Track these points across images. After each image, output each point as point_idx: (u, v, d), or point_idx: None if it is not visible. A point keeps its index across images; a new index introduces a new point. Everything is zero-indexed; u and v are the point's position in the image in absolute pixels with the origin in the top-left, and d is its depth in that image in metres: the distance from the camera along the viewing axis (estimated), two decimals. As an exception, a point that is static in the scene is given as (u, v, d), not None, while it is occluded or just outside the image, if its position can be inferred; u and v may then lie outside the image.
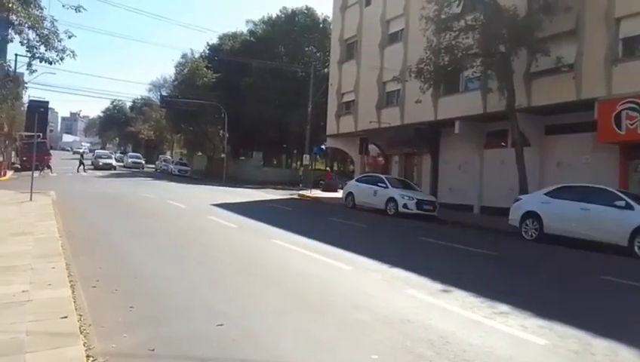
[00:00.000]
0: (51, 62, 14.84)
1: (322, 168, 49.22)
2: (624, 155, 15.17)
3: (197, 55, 48.72)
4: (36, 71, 16.25)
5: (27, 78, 26.10)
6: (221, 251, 9.02)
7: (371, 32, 25.59)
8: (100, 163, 45.64)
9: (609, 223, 11.38)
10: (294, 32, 43.94)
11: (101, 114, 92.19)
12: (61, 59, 14.89)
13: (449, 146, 22.36)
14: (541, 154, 18.00)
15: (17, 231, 9.36)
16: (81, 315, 4.67)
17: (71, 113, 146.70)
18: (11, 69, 22.05)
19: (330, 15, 36.10)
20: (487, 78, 17.37)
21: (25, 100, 35.76)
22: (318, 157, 46.84)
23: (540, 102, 16.63)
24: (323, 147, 37.23)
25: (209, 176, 43.57)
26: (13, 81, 19.84)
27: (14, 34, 15.29)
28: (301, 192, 28.44)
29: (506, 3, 15.66)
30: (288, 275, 7.28)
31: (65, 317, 4.46)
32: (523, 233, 13.26)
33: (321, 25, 44.73)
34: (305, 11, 45.44)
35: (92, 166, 45.13)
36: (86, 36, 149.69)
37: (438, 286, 6.81)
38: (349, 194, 20.71)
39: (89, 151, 67.87)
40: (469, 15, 16.38)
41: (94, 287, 5.88)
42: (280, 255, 8.88)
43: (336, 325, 4.98)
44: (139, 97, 72.65)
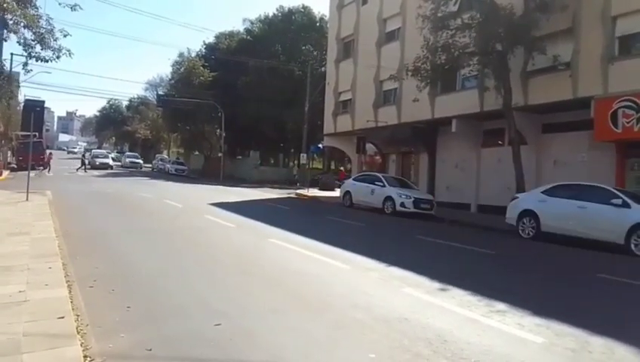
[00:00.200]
0: (47, 60, 14.83)
1: (319, 167, 49.22)
2: (620, 153, 15.22)
3: (194, 54, 48.73)
4: (32, 70, 16.25)
5: (23, 77, 26.03)
6: (219, 250, 9.02)
7: (368, 31, 25.59)
8: (97, 162, 45.54)
9: (606, 221, 11.41)
10: (291, 31, 43.93)
11: (97, 113, 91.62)
12: (57, 57, 14.89)
13: (446, 145, 22.41)
14: (538, 152, 18.05)
15: (14, 231, 9.33)
16: (78, 315, 4.66)
17: (67, 112, 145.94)
18: (6, 68, 21.95)
19: (326, 14, 36.11)
20: (483, 77, 17.40)
21: (20, 100, 35.67)
22: (316, 156, 46.82)
23: (537, 100, 16.67)
24: (320, 146, 37.21)
25: (206, 176, 43.51)
26: (7, 80, 19.77)
27: (10, 33, 15.27)
28: (298, 191, 28.46)
29: (503, 1, 15.70)
30: (286, 274, 7.28)
31: (62, 317, 4.45)
32: (520, 231, 13.28)
33: (317, 24, 44.76)
34: (301, 10, 45.44)
35: (89, 165, 45.01)
36: (82, 35, 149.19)
37: (436, 284, 6.82)
38: (347, 193, 20.73)
39: (85, 150, 67.62)
40: (466, 14, 16.42)
41: (91, 287, 5.87)
42: (278, 254, 8.88)
43: (334, 324, 4.98)
44: (135, 96, 72.62)
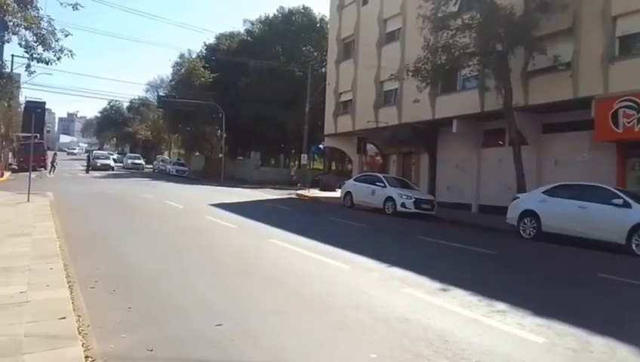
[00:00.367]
0: (48, 62, 14.85)
1: (320, 168, 49.19)
2: (621, 153, 15.21)
3: (194, 55, 48.74)
4: (35, 72, 16.27)
5: (24, 79, 26.06)
6: (219, 251, 9.02)
7: (368, 31, 25.59)
8: (98, 163, 45.64)
9: (607, 221, 11.40)
10: (291, 32, 43.92)
11: (98, 114, 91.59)
12: (58, 58, 14.91)
13: (447, 145, 22.40)
14: (538, 152, 18.03)
15: (15, 232, 9.34)
16: (79, 316, 4.67)
17: (68, 114, 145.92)
18: (6, 70, 21.99)
19: (327, 14, 36.13)
20: (484, 77, 17.39)
21: (21, 101, 35.69)
22: (316, 156, 46.83)
23: (537, 100, 16.66)
24: (321, 146, 37.22)
25: (207, 177, 43.50)
26: (8, 81, 19.80)
27: (11, 35, 15.28)
28: (299, 192, 28.46)
29: (503, 2, 15.69)
30: (287, 275, 7.28)
31: (63, 318, 4.46)
32: (521, 231, 13.27)
33: (318, 24, 44.74)
34: (302, 11, 45.43)
35: (90, 166, 45.09)
36: (83, 36, 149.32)
37: (437, 285, 6.82)
38: (347, 193, 20.72)
39: (89, 151, 67.69)
40: (466, 14, 16.42)
41: (92, 288, 5.88)
42: (278, 255, 8.88)
43: (334, 324, 4.98)
44: (136, 97, 72.51)
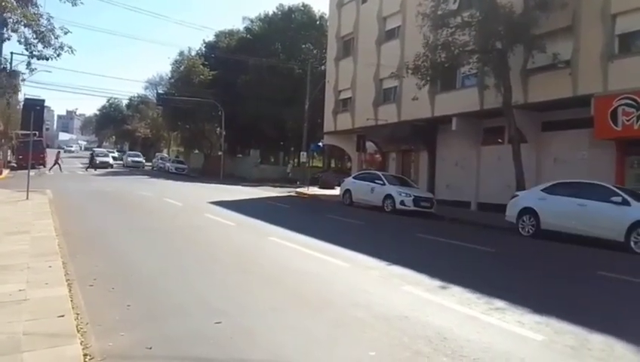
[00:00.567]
0: (48, 58, 14.85)
1: (320, 165, 49.17)
2: (620, 151, 15.22)
3: (193, 52, 48.68)
4: (36, 69, 16.28)
5: (24, 77, 26.04)
6: (219, 249, 9.02)
7: (368, 29, 25.56)
8: (97, 161, 45.66)
9: (605, 219, 11.41)
10: (291, 30, 43.87)
11: (97, 112, 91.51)
12: (58, 55, 14.90)
13: (446, 143, 22.40)
14: (538, 150, 18.04)
15: (14, 230, 9.33)
16: (78, 314, 4.67)
17: (67, 111, 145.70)
18: (6, 66, 21.97)
19: (326, 12, 36.05)
20: (483, 75, 17.39)
21: (20, 98, 35.65)
22: (316, 154, 46.79)
23: (537, 98, 16.66)
24: (320, 144, 37.18)
25: (206, 174, 43.49)
26: (10, 76, 19.80)
27: (10, 32, 15.26)
28: (298, 189, 28.46)
29: (502, 0, 15.67)
30: (286, 273, 7.28)
31: (62, 316, 4.45)
32: (520, 229, 13.28)
33: (317, 22, 44.71)
34: (301, 8, 45.38)
35: (89, 164, 45.15)
36: (82, 34, 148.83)
37: (436, 282, 6.82)
38: (347, 191, 20.72)
39: (84, 149, 67.61)
40: (466, 12, 16.41)
41: (91, 286, 5.87)
42: (278, 253, 8.88)
43: (334, 322, 4.98)
44: (135, 95, 72.52)
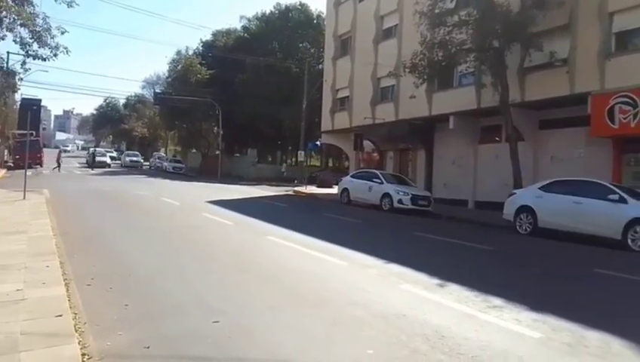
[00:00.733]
0: (44, 58, 14.80)
1: (317, 164, 49.16)
2: (617, 149, 15.26)
3: (191, 52, 48.55)
4: (30, 69, 16.23)
5: (20, 76, 25.93)
6: (216, 248, 9.02)
7: (365, 28, 25.56)
8: (95, 161, 45.59)
9: (602, 217, 11.44)
10: (288, 28, 43.83)
11: (94, 111, 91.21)
12: (54, 55, 14.85)
13: (443, 142, 22.42)
14: (535, 148, 18.08)
15: (11, 229, 9.31)
16: (75, 314, 4.66)
17: (64, 111, 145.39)
18: (2, 66, 21.89)
19: (324, 11, 36.01)
20: (480, 74, 17.43)
21: (17, 98, 35.56)
22: (313, 153, 46.78)
23: (534, 96, 16.69)
24: (318, 143, 37.19)
25: (203, 173, 43.44)
26: (8, 75, 19.73)
27: (5, 31, 15.21)
28: (296, 188, 28.46)
29: (499, -2, 15.69)
30: (284, 272, 7.28)
31: (59, 315, 4.45)
32: (517, 227, 13.31)
33: (315, 21, 44.67)
34: (299, 7, 45.35)
35: (86, 164, 45.13)
36: (79, 33, 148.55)
37: (433, 280, 6.83)
38: (344, 190, 20.74)
39: (81, 148, 67.38)
40: (463, 10, 16.42)
41: (89, 286, 5.86)
42: (275, 251, 8.88)
43: (332, 321, 4.99)
44: (132, 94, 72.31)
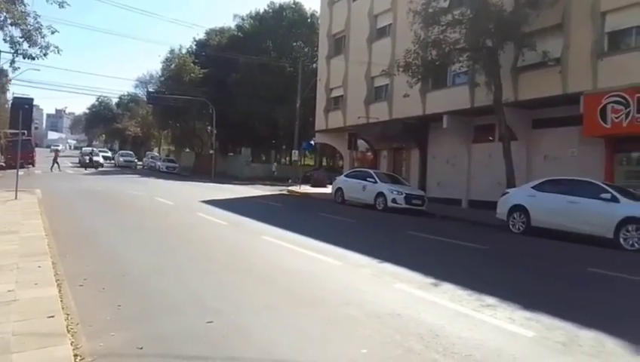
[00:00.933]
0: (34, 58, 14.68)
1: (311, 163, 49.13)
2: (610, 148, 15.36)
3: (184, 50, 48.40)
4: (19, 68, 16.11)
5: (11, 75, 25.74)
6: (211, 248, 8.98)
7: (359, 27, 25.58)
8: (87, 160, 45.37)
9: (595, 216, 11.52)
10: (282, 27, 43.77)
11: (87, 110, 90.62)
12: (44, 55, 14.73)
13: (437, 141, 22.48)
14: (528, 147, 18.16)
15: (2, 230, 9.23)
16: (68, 314, 4.62)
17: (56, 110, 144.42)
18: None
19: (317, 10, 36.03)
20: (474, 73, 17.49)
21: (9, 97, 35.30)
22: (307, 152, 46.78)
23: (527, 96, 16.77)
24: (312, 142, 37.20)
25: (197, 173, 43.28)
26: (0, 73, 19.57)
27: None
28: (290, 188, 28.43)
29: (493, -3, 15.73)
30: (279, 271, 7.26)
31: (52, 316, 4.41)
32: (510, 226, 13.37)
33: (308, 20, 44.65)
34: (292, 6, 45.29)
35: (79, 163, 44.88)
36: (70, 32, 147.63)
37: (428, 280, 6.85)
38: (338, 189, 20.74)
39: (73, 148, 67.04)
40: (457, 9, 16.47)
41: (81, 286, 5.82)
42: (270, 251, 8.86)
43: (326, 320, 4.98)
44: (125, 93, 71.92)
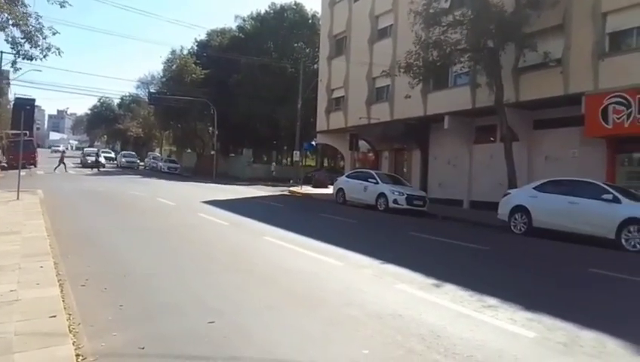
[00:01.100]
0: (34, 59, 14.70)
1: (312, 164, 49.13)
2: (611, 149, 15.34)
3: (185, 51, 48.47)
4: (21, 69, 16.12)
5: (13, 76, 25.82)
6: (212, 248, 8.99)
7: (360, 28, 25.58)
8: (89, 161, 45.47)
9: (596, 216, 11.51)
10: (283, 28, 43.81)
11: (89, 111, 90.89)
12: (44, 56, 14.75)
13: (438, 141, 22.47)
14: (529, 148, 18.14)
15: (4, 230, 9.24)
16: (70, 314, 4.63)
17: (58, 111, 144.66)
18: None
19: (319, 11, 36.05)
20: (475, 74, 17.47)
21: (10, 98, 35.34)
22: (309, 153, 46.78)
23: (528, 97, 16.76)
24: (313, 143, 37.19)
25: (199, 174, 43.32)
26: (1, 75, 19.62)
27: (-1, 31, 15.08)
28: (291, 188, 28.44)
29: (494, -2, 15.73)
30: (280, 272, 7.26)
31: (54, 316, 4.42)
32: (512, 227, 13.35)
33: (310, 21, 44.68)
34: (294, 7, 45.33)
35: (80, 164, 44.93)
36: (72, 33, 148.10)
37: (429, 280, 6.85)
38: (340, 190, 20.73)
39: (75, 148, 67.12)
40: (458, 10, 16.47)
41: (83, 286, 5.83)
42: (272, 252, 8.87)
43: (328, 321, 4.99)
44: (127, 94, 72.14)
